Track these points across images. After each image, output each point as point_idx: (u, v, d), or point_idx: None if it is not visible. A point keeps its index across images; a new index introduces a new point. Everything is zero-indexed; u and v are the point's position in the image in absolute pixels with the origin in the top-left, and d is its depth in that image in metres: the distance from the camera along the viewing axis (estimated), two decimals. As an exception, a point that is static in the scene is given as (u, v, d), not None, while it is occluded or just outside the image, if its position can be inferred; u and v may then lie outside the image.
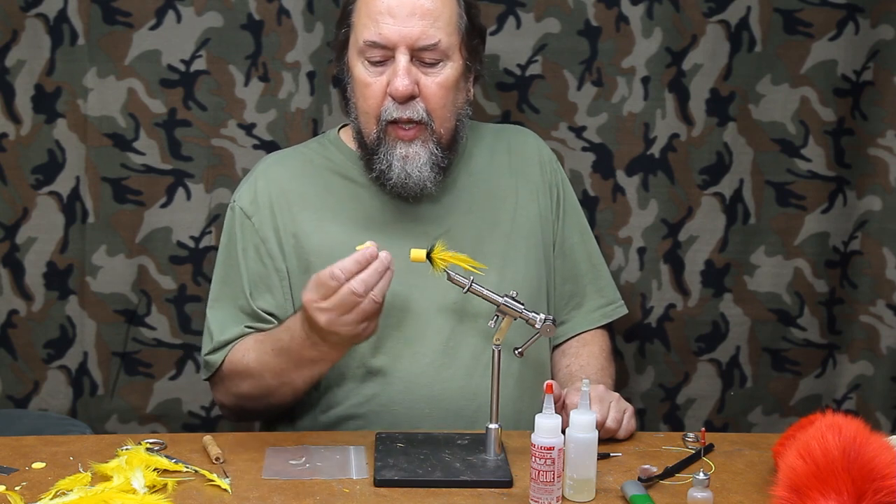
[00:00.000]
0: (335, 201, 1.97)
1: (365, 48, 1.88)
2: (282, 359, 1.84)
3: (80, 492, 1.57)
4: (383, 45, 1.86)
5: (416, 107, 1.87)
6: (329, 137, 2.05)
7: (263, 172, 2.00)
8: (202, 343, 1.98)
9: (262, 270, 1.95)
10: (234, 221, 1.98)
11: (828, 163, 2.28)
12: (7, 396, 2.24)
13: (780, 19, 2.22)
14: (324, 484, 1.65)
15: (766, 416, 2.36)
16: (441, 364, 1.93)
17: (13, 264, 2.21)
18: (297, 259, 1.94)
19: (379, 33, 1.86)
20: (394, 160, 1.89)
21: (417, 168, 1.89)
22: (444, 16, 1.88)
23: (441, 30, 1.87)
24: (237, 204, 1.98)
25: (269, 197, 1.96)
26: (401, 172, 1.89)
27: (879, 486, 1.44)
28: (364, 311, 1.71)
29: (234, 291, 1.95)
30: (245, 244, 1.96)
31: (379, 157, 1.90)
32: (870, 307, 2.31)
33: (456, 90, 1.91)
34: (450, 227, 1.96)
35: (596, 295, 2.11)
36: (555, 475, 1.57)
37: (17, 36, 2.15)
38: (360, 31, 1.88)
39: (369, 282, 1.70)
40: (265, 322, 1.93)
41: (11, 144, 2.18)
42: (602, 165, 2.27)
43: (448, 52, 1.89)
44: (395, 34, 1.85)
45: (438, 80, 1.88)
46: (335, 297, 1.70)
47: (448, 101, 1.90)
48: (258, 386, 1.89)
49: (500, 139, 2.08)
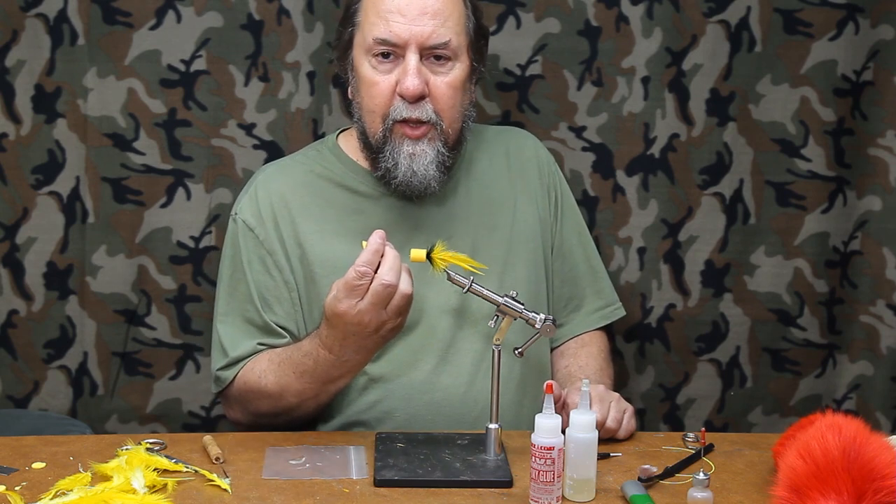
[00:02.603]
0: (336, 212, 1.97)
1: (373, 46, 1.87)
2: (306, 380, 1.84)
3: (80, 492, 1.57)
4: (393, 44, 1.86)
5: (426, 107, 1.87)
6: (327, 145, 2.04)
7: (264, 183, 1.99)
8: (212, 357, 1.98)
9: (269, 283, 1.94)
10: (237, 234, 1.97)
11: (828, 163, 2.27)
12: (7, 396, 2.24)
13: (780, 19, 2.22)
14: (324, 484, 1.65)
15: (766, 416, 2.36)
16: (442, 371, 1.93)
17: (13, 264, 2.21)
18: (303, 270, 1.94)
19: (389, 31, 1.85)
20: (400, 158, 1.89)
21: (423, 166, 1.89)
22: (453, 16, 1.88)
23: (451, 29, 1.87)
24: (239, 217, 1.97)
25: (271, 208, 1.96)
26: (407, 170, 1.89)
27: (879, 486, 1.44)
28: (398, 304, 1.71)
29: (242, 305, 1.95)
30: (250, 257, 1.95)
31: (385, 156, 1.90)
32: (870, 307, 2.31)
33: (463, 91, 1.92)
34: (451, 233, 1.95)
35: (594, 297, 2.11)
36: (555, 475, 1.57)
37: (17, 36, 2.15)
38: (369, 29, 1.88)
39: (396, 267, 1.69)
40: (276, 335, 1.92)
41: (11, 144, 2.18)
42: (602, 165, 2.27)
43: (457, 52, 1.89)
44: (406, 32, 1.85)
45: (448, 80, 1.88)
46: (370, 295, 1.69)
47: (457, 101, 1.90)
48: (278, 405, 1.89)
49: (499, 142, 2.08)
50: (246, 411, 1.94)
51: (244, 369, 1.92)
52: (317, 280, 1.93)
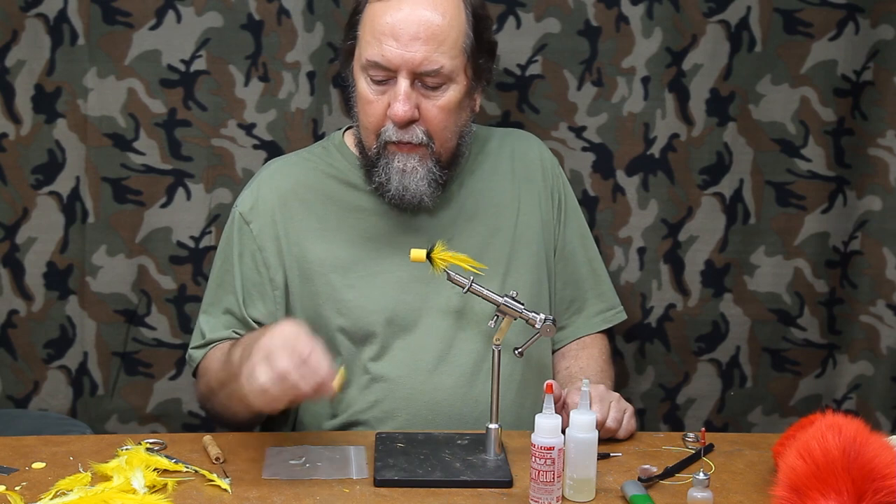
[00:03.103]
0: (338, 211, 1.97)
1: (367, 66, 1.87)
2: (225, 370, 1.80)
3: (80, 492, 1.57)
4: (384, 67, 1.85)
5: (416, 130, 1.87)
6: (334, 142, 2.04)
7: (267, 179, 2.00)
8: (191, 340, 2.01)
9: (256, 278, 1.96)
10: (233, 226, 1.98)
11: (828, 163, 2.27)
12: (7, 396, 2.24)
13: (780, 19, 2.22)
14: (324, 484, 1.65)
15: (766, 416, 2.36)
16: (443, 371, 1.93)
17: (13, 264, 2.21)
18: (299, 268, 1.95)
19: (381, 55, 1.84)
20: (392, 173, 1.89)
21: (414, 183, 1.89)
22: (449, 39, 1.85)
23: (445, 54, 1.85)
24: (238, 209, 1.98)
25: (270, 204, 1.96)
26: (398, 185, 1.89)
27: (879, 486, 1.44)
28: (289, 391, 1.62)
29: (227, 296, 1.97)
30: (242, 249, 1.96)
31: (378, 171, 1.90)
32: (870, 307, 2.31)
33: (458, 111, 1.90)
34: (453, 235, 1.95)
35: (596, 300, 2.11)
36: (555, 475, 1.57)
37: (17, 36, 2.15)
38: (364, 47, 1.88)
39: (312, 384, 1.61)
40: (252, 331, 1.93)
41: (11, 144, 2.18)
42: (602, 165, 2.27)
43: (451, 76, 1.87)
44: (398, 58, 1.83)
45: (440, 103, 1.87)
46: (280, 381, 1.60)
47: (449, 123, 1.89)
48: (207, 385, 1.90)
49: (503, 145, 2.08)
50: (199, 390, 1.97)
51: (210, 349, 1.93)
52: (313, 278, 1.94)
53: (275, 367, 1.59)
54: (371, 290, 1.93)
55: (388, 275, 1.94)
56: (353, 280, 1.93)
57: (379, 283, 1.94)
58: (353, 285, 1.93)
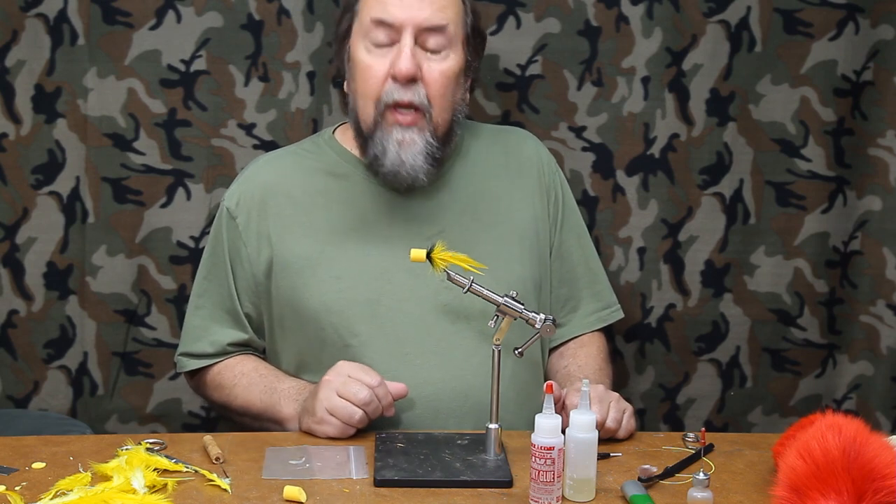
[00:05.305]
0: (325, 202, 1.97)
1: (371, 27, 1.88)
2: (267, 414, 1.94)
3: (80, 492, 1.57)
4: (390, 24, 1.87)
5: (418, 90, 1.88)
6: (323, 137, 2.05)
7: (254, 174, 2.02)
8: (181, 338, 2.04)
9: (240, 272, 1.98)
10: (221, 221, 2.00)
11: (828, 163, 2.27)
12: (7, 396, 2.24)
13: (780, 19, 2.22)
14: (324, 484, 1.65)
15: (766, 416, 2.36)
16: (433, 365, 1.93)
17: (13, 264, 2.21)
18: (284, 261, 1.95)
19: (387, 11, 1.87)
20: (389, 144, 1.89)
21: (412, 155, 1.89)
22: (451, 6, 1.90)
23: (448, 17, 1.89)
24: (225, 203, 2.00)
25: (255, 198, 1.98)
26: (395, 158, 1.89)
27: (879, 486, 1.44)
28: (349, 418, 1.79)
29: (216, 289, 1.99)
30: (229, 244, 1.98)
31: (374, 142, 1.90)
32: (870, 307, 2.31)
33: (456, 83, 1.92)
34: (443, 227, 1.96)
35: (592, 299, 2.11)
36: (555, 475, 1.57)
37: (17, 36, 2.15)
38: (367, 10, 1.90)
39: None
40: (242, 326, 1.99)
41: (11, 144, 2.18)
42: (602, 165, 2.27)
43: (453, 41, 1.90)
44: (403, 13, 1.87)
45: (442, 67, 1.89)
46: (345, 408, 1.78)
47: (448, 90, 1.91)
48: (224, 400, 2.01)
49: (497, 140, 2.08)
50: (210, 397, 2.04)
51: (223, 368, 2.00)
52: (299, 271, 1.95)
53: (357, 398, 1.77)
54: (356, 281, 1.93)
55: (374, 265, 1.94)
56: (339, 271, 1.93)
57: (365, 272, 1.93)
58: (339, 276, 1.93)
